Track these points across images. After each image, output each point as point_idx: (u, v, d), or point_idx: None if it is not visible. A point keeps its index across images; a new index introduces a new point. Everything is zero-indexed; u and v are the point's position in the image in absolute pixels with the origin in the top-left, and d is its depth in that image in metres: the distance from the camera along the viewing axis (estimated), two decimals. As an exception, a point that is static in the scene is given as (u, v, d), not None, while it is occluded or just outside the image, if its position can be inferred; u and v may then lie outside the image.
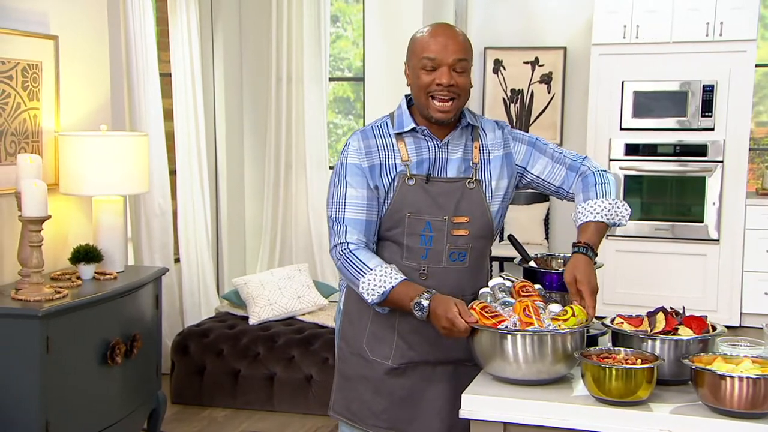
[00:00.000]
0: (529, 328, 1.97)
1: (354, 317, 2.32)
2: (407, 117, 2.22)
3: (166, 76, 5.00)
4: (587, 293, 2.04)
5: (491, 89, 6.84)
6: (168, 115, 4.99)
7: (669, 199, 6.19)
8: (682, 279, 6.06)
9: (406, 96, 2.28)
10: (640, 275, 6.04)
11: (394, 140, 2.22)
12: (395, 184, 2.19)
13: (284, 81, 5.62)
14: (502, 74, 6.78)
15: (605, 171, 2.27)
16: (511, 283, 2.15)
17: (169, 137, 5.00)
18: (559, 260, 2.39)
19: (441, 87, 2.13)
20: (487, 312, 2.02)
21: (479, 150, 2.23)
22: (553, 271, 2.29)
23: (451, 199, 2.18)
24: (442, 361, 2.26)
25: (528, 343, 1.95)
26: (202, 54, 5.29)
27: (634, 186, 6.15)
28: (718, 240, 5.97)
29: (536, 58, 6.70)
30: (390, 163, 2.20)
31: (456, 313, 1.99)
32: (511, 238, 2.41)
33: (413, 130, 2.22)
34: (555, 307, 2.06)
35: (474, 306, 2.04)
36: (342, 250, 2.19)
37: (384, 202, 2.20)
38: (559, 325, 1.98)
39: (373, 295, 2.13)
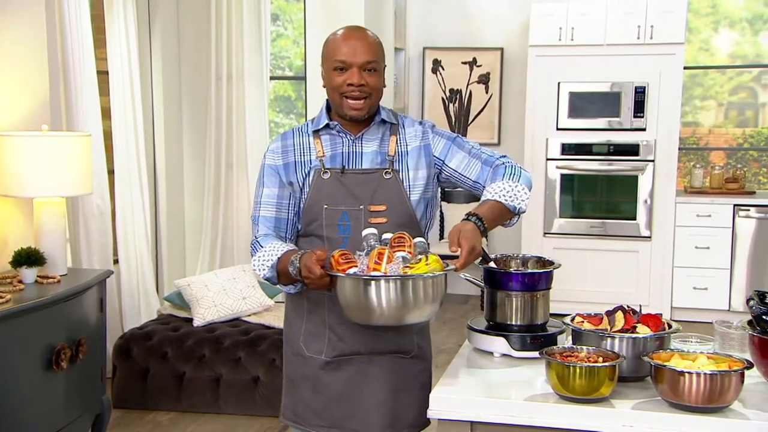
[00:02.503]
0: (373, 273, 2.01)
1: (292, 318, 2.39)
2: (324, 116, 2.33)
3: (102, 74, 4.89)
4: (465, 249, 2.03)
5: (430, 89, 6.90)
6: (105, 113, 4.88)
7: (602, 197, 6.37)
8: (615, 275, 6.25)
9: (327, 100, 2.36)
10: (575, 271, 6.18)
11: (311, 139, 2.32)
12: (310, 178, 2.28)
13: (224, 79, 5.56)
14: (440, 74, 6.85)
15: (520, 167, 2.31)
16: (391, 235, 2.15)
17: (107, 136, 4.89)
18: (518, 261, 2.44)
19: (352, 87, 2.22)
20: (343, 259, 2.07)
21: (396, 143, 2.32)
22: (513, 271, 2.34)
23: (367, 189, 2.26)
24: (375, 352, 2.30)
25: (354, 285, 2.01)
26: (139, 51, 5.19)
27: (569, 185, 6.30)
28: (649, 237, 6.17)
29: (474, 59, 6.80)
30: (305, 159, 2.30)
31: (313, 261, 2.05)
32: (470, 239, 2.45)
33: (327, 126, 2.32)
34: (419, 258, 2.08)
35: (334, 254, 2.09)
36: (253, 245, 2.31)
37: (301, 198, 2.30)
38: (404, 271, 2.01)
39: (264, 269, 2.24)
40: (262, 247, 2.27)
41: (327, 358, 2.30)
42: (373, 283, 1.99)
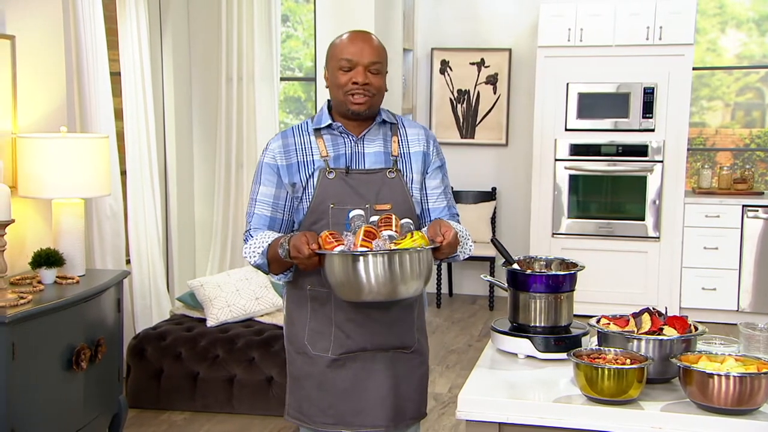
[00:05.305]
0: (360, 249, 2.05)
1: (294, 317, 2.41)
2: (326, 116, 2.37)
3: (114, 75, 4.90)
4: (450, 232, 2.14)
5: (438, 90, 6.92)
6: (117, 114, 4.90)
7: (611, 198, 6.39)
8: (623, 275, 6.26)
9: (328, 101, 2.41)
10: (584, 271, 6.18)
11: (312, 138, 2.35)
12: (315, 178, 2.31)
13: (234, 80, 5.57)
14: (448, 75, 6.87)
15: None
16: (378, 217, 2.22)
17: (119, 137, 4.90)
18: (541, 262, 2.46)
19: (357, 85, 2.28)
20: (332, 238, 2.11)
21: (398, 144, 2.37)
22: (537, 273, 2.36)
23: (372, 188, 2.31)
24: (380, 348, 2.35)
25: (343, 262, 2.04)
26: (151, 52, 5.20)
27: (577, 185, 6.31)
28: (658, 237, 6.19)
29: (482, 60, 6.81)
30: (308, 159, 2.33)
31: (302, 241, 2.10)
32: (494, 241, 2.48)
33: (329, 126, 2.35)
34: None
35: (322, 234, 2.14)
36: (245, 235, 2.36)
37: (303, 197, 2.32)
38: (389, 247, 2.06)
39: (255, 256, 2.29)
40: (253, 237, 2.32)
41: (333, 356, 2.33)
42: (361, 258, 2.03)
